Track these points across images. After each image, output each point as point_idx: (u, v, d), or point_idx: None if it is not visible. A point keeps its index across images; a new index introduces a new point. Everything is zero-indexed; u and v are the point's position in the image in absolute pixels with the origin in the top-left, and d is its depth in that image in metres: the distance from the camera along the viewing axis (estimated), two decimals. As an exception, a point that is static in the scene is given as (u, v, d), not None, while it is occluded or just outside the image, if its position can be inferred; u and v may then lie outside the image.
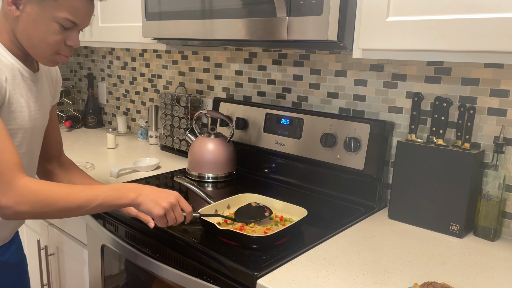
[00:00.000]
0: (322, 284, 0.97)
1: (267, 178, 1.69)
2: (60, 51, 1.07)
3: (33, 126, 1.14)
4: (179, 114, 1.98)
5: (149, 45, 1.70)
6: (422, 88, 1.37)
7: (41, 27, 1.02)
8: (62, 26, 1.03)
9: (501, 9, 0.88)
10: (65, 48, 1.07)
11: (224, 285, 1.04)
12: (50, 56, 1.07)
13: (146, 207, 1.03)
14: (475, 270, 1.06)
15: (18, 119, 1.09)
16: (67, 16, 1.02)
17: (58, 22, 1.02)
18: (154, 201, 1.03)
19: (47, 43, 1.04)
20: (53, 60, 1.08)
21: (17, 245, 1.29)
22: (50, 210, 0.96)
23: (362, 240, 1.20)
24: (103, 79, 2.65)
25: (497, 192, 1.21)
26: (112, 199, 1.01)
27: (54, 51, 1.06)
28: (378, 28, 1.05)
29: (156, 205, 1.03)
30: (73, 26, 1.05)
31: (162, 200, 1.04)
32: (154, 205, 1.03)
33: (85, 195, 0.99)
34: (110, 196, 1.01)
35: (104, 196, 1.00)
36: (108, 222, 1.41)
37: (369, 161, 1.41)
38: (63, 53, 1.08)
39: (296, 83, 1.68)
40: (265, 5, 1.19)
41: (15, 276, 1.28)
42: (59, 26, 1.03)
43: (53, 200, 0.96)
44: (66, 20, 1.02)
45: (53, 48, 1.05)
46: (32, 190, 0.95)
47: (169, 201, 1.05)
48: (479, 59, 0.96)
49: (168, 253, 1.18)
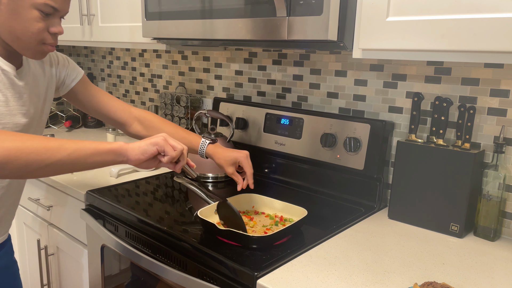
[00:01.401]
0: (322, 284, 0.97)
1: (267, 178, 1.69)
2: (45, 40, 1.06)
3: (15, 123, 1.11)
4: (179, 114, 1.98)
5: (149, 45, 1.70)
6: (422, 88, 1.37)
7: (21, 17, 1.01)
8: (43, 12, 1.02)
9: (501, 9, 0.88)
10: (49, 37, 1.06)
11: (224, 285, 1.04)
12: (35, 46, 1.05)
13: (142, 144, 1.02)
14: (475, 270, 1.06)
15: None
16: (45, 1, 1.01)
17: (37, 8, 1.01)
18: (144, 143, 1.03)
19: (31, 32, 1.02)
20: (39, 51, 1.07)
21: (6, 250, 1.26)
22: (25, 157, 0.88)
23: (362, 240, 1.20)
24: (103, 79, 2.65)
25: (497, 192, 1.21)
26: (97, 144, 0.98)
27: (39, 40, 1.05)
28: (378, 28, 1.05)
29: (147, 144, 1.03)
30: (54, 11, 1.04)
31: (150, 139, 1.04)
32: (149, 140, 1.03)
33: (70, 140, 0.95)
34: (95, 143, 0.98)
35: (90, 142, 0.97)
36: (108, 222, 1.41)
37: (369, 161, 1.41)
38: (48, 42, 1.07)
39: (296, 83, 1.68)
40: (265, 5, 1.19)
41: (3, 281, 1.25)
42: (39, 12, 1.02)
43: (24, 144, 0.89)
44: (45, 5, 1.01)
45: (37, 37, 1.04)
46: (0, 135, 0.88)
47: (158, 134, 1.05)
48: (479, 59, 0.96)
49: (168, 253, 1.18)
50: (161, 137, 1.05)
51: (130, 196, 1.47)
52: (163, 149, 1.04)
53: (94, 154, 0.98)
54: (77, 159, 0.96)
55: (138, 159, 1.03)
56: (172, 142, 1.06)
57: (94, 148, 0.98)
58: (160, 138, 1.05)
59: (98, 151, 0.98)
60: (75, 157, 0.96)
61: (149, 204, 1.40)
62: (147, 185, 1.59)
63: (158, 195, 1.50)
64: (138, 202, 1.41)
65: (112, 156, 1.01)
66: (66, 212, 1.65)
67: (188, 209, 1.38)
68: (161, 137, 1.05)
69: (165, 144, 1.04)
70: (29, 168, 0.91)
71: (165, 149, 1.04)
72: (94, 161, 0.99)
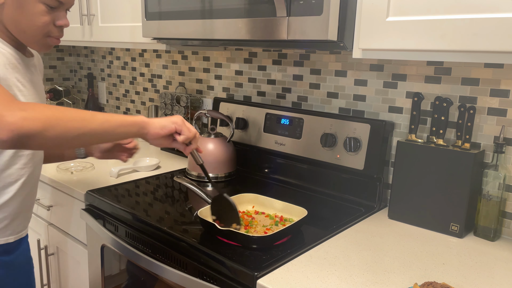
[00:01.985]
0: (322, 284, 0.97)
1: (267, 178, 1.69)
2: (50, 33, 1.08)
3: None
4: (179, 114, 1.98)
5: (149, 45, 1.70)
6: (422, 88, 1.37)
7: (27, 10, 1.02)
8: (48, 5, 1.04)
9: (501, 9, 0.88)
10: (55, 29, 1.08)
11: (224, 285, 1.04)
12: (41, 39, 1.08)
13: (161, 120, 1.06)
14: (475, 270, 1.06)
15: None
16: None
17: (43, 2, 1.03)
18: (164, 120, 1.07)
19: (36, 26, 1.04)
20: (45, 43, 1.09)
21: (25, 246, 1.28)
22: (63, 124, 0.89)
23: (362, 240, 1.20)
24: (103, 79, 2.65)
25: (497, 192, 1.21)
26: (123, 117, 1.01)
27: (45, 33, 1.07)
28: (378, 28, 1.05)
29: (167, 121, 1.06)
30: (59, 4, 1.06)
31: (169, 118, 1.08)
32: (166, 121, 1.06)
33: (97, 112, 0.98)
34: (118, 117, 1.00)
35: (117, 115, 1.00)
36: (108, 222, 1.41)
37: (369, 161, 1.41)
38: (53, 35, 1.09)
39: (296, 83, 1.68)
40: (265, 5, 1.19)
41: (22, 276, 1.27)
42: (45, 6, 1.04)
43: (62, 113, 0.90)
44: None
45: (43, 30, 1.06)
46: (37, 106, 0.88)
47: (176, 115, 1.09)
48: (479, 59, 0.96)
49: (168, 253, 1.18)
50: (180, 118, 1.10)
51: (130, 196, 1.47)
52: (181, 129, 1.08)
53: (121, 125, 1.00)
54: (108, 129, 0.98)
55: (157, 133, 1.06)
56: (187, 124, 1.11)
57: (121, 120, 1.00)
58: (179, 119, 1.09)
59: (124, 123, 1.01)
60: (106, 127, 0.98)
61: (149, 204, 1.40)
62: (147, 185, 1.59)
63: (158, 195, 1.50)
64: (138, 202, 1.41)
65: (136, 128, 1.03)
66: (66, 212, 1.65)
67: (188, 209, 1.38)
68: (179, 118, 1.10)
69: (183, 124, 1.09)
70: (67, 135, 0.91)
71: (182, 129, 1.09)
72: (121, 132, 1.01)
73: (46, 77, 2.72)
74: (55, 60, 2.74)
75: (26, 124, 0.84)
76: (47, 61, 2.70)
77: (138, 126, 1.04)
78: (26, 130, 0.84)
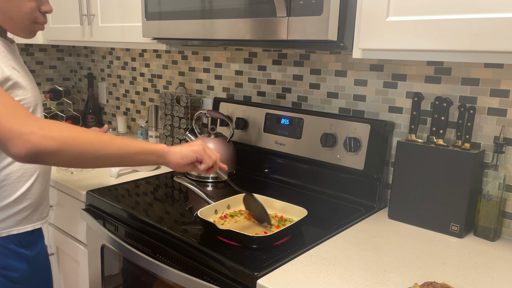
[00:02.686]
0: (322, 284, 0.97)
1: (267, 178, 1.69)
2: (36, 19, 1.15)
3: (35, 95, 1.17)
4: (179, 114, 1.98)
5: (149, 45, 1.70)
6: (422, 88, 1.37)
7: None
8: None
9: (501, 9, 0.88)
10: (41, 16, 1.15)
11: (224, 285, 1.04)
12: (28, 26, 1.14)
13: (183, 149, 1.07)
14: (475, 270, 1.06)
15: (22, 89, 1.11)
16: None
17: None
18: (185, 149, 1.08)
19: (24, 12, 1.10)
20: (32, 30, 1.16)
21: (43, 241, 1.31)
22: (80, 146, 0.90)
23: (362, 240, 1.20)
24: (103, 79, 2.65)
25: (497, 192, 1.21)
26: (143, 143, 1.02)
27: (32, 19, 1.13)
28: (378, 28, 1.05)
29: (190, 146, 1.08)
30: None
31: (191, 146, 1.09)
32: (190, 146, 1.08)
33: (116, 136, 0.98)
34: (141, 142, 1.02)
35: (136, 142, 1.01)
36: (108, 222, 1.41)
37: (369, 161, 1.41)
38: (39, 21, 1.16)
39: (296, 83, 1.68)
40: (265, 5, 1.19)
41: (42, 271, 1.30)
42: None
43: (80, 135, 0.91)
44: None
45: (30, 16, 1.12)
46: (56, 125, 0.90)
47: (197, 143, 1.10)
48: (479, 59, 0.96)
49: (168, 253, 1.19)
50: (201, 146, 1.11)
51: (130, 196, 1.47)
52: (202, 158, 1.11)
53: (140, 152, 1.01)
54: (125, 154, 0.99)
55: (178, 163, 1.08)
56: (208, 151, 1.13)
57: (140, 147, 1.02)
58: (200, 147, 1.11)
59: (143, 150, 1.02)
60: (124, 152, 0.99)
61: (149, 204, 1.40)
62: (147, 185, 1.59)
63: (158, 195, 1.50)
64: (138, 202, 1.41)
65: (155, 157, 1.05)
66: (66, 212, 1.65)
67: (188, 209, 1.38)
68: (201, 145, 1.11)
69: (204, 153, 1.11)
70: (82, 157, 0.92)
71: (203, 158, 1.11)
72: (139, 159, 1.03)
73: (46, 77, 2.72)
74: (55, 60, 2.74)
75: (44, 143, 0.86)
76: (47, 61, 2.70)
77: (157, 155, 1.05)
78: (43, 149, 0.86)
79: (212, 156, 1.13)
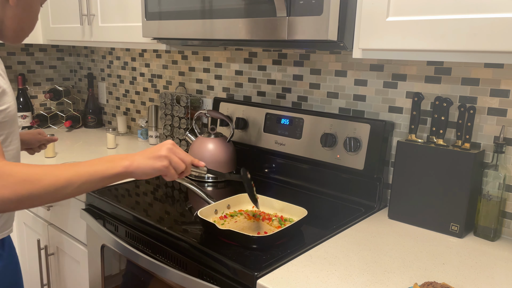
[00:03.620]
0: (322, 284, 0.97)
1: (267, 178, 1.69)
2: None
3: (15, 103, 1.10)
4: (179, 114, 1.98)
5: (149, 45, 1.70)
6: (422, 88, 1.37)
7: (33, 11, 1.11)
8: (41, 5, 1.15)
9: (501, 9, 0.88)
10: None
11: (224, 285, 1.04)
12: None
13: (146, 167, 0.95)
14: (475, 270, 1.06)
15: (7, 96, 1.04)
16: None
17: (42, 3, 1.14)
18: (151, 157, 0.96)
19: (34, 24, 1.14)
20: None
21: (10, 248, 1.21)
22: (35, 190, 0.85)
23: (362, 240, 1.20)
24: (103, 79, 2.65)
25: (497, 192, 1.21)
26: (103, 170, 0.92)
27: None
28: (378, 28, 1.05)
29: (156, 159, 0.96)
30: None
31: (158, 151, 0.97)
32: (154, 160, 0.96)
33: (73, 170, 0.90)
34: (100, 167, 0.92)
35: (95, 169, 0.91)
36: (108, 222, 1.41)
37: (369, 161, 1.41)
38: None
39: (296, 83, 1.68)
40: (265, 5, 1.19)
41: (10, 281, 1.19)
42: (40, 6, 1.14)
43: (36, 179, 0.85)
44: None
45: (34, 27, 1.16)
46: (11, 171, 0.84)
47: (166, 147, 0.98)
48: (479, 59, 0.96)
49: (168, 253, 1.19)
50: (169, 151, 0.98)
51: (130, 196, 1.47)
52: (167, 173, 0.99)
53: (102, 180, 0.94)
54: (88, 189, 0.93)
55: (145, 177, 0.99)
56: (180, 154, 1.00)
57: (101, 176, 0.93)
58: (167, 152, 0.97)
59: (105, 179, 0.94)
60: (86, 188, 0.92)
61: (149, 204, 1.40)
62: (147, 185, 1.59)
63: (158, 195, 1.50)
64: (138, 202, 1.41)
65: (120, 178, 0.96)
66: (66, 212, 1.65)
67: (188, 209, 1.38)
68: (169, 150, 0.98)
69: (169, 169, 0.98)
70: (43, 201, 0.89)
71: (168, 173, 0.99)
72: (104, 185, 0.96)
73: (46, 77, 2.72)
74: (55, 60, 2.74)
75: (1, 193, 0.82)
76: (47, 61, 2.70)
77: (121, 177, 0.95)
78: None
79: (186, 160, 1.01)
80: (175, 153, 0.99)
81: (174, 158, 0.98)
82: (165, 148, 0.98)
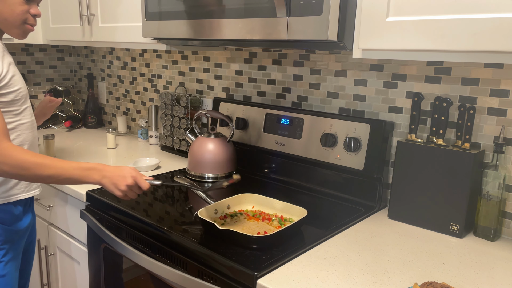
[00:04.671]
0: (322, 284, 0.97)
1: (267, 178, 1.69)
2: (27, 20, 1.32)
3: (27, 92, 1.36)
4: (179, 114, 1.98)
5: (149, 45, 1.70)
6: (422, 88, 1.37)
7: (9, 2, 1.27)
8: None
9: (501, 9, 0.88)
10: (31, 18, 1.33)
11: (224, 285, 1.04)
12: (20, 26, 1.32)
13: (109, 189, 1.17)
14: (475, 270, 1.06)
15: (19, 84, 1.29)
16: None
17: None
18: (114, 185, 1.16)
19: (16, 13, 1.29)
20: (23, 30, 1.33)
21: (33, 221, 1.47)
22: (25, 174, 1.14)
23: (362, 240, 1.20)
24: (103, 79, 2.65)
25: (497, 192, 1.21)
26: (78, 177, 1.16)
27: (23, 20, 1.31)
28: (378, 28, 1.05)
29: (116, 189, 1.16)
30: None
31: (120, 183, 1.15)
32: (114, 189, 1.16)
33: (55, 169, 1.14)
34: (76, 174, 1.16)
35: (71, 173, 1.15)
36: (108, 222, 1.41)
37: (369, 161, 1.41)
38: (30, 22, 1.33)
39: (296, 83, 1.68)
40: (265, 5, 1.19)
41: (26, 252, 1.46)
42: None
43: (27, 168, 1.13)
44: None
45: (22, 17, 1.30)
46: (12, 155, 1.13)
47: (126, 183, 1.15)
48: (479, 59, 0.96)
49: (168, 253, 1.19)
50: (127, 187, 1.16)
51: (130, 196, 1.46)
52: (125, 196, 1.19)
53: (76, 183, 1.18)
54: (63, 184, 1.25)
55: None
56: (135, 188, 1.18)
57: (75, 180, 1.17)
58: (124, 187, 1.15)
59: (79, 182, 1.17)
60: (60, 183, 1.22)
61: (149, 204, 1.40)
62: (147, 185, 1.59)
63: (158, 195, 1.50)
64: (138, 202, 1.41)
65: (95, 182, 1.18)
66: (66, 212, 1.65)
67: (188, 209, 1.38)
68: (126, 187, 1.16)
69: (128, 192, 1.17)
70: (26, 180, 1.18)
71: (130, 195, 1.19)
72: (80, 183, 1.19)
73: (46, 77, 2.72)
74: (55, 60, 2.74)
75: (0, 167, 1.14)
76: (47, 61, 2.70)
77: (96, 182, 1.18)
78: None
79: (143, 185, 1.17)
80: (132, 189, 1.17)
81: (130, 193, 1.18)
82: (125, 184, 1.15)
